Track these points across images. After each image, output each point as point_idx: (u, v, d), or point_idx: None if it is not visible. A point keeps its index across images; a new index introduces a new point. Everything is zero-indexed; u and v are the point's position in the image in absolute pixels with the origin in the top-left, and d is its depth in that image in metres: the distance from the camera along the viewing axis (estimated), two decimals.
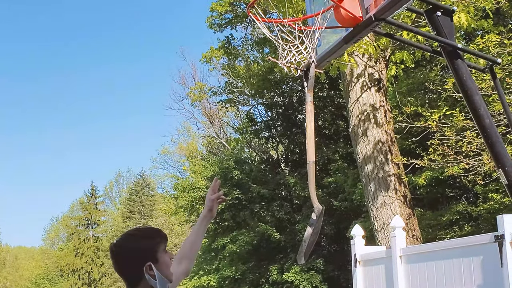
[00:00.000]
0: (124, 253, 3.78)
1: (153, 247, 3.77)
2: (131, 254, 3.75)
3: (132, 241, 3.83)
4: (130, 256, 3.75)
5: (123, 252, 3.79)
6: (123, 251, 3.79)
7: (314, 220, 4.98)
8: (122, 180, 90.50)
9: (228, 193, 38.80)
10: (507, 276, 7.53)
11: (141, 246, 3.76)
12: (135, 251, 3.75)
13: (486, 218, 24.53)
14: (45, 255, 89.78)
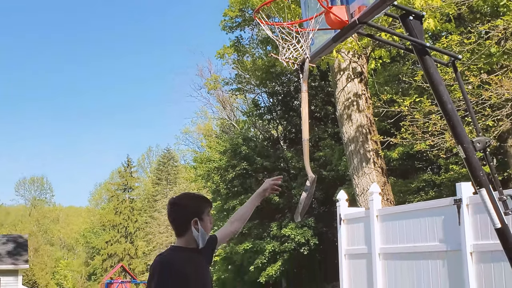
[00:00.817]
0: (179, 207, 3.96)
1: (200, 207, 3.96)
2: (184, 209, 3.93)
3: (186, 199, 4.10)
4: (183, 210, 3.93)
5: (179, 206, 3.97)
6: (178, 206, 3.98)
7: (308, 186, 4.97)
8: (152, 153, 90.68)
9: (237, 165, 38.87)
10: (463, 232, 7.53)
11: (193, 205, 3.99)
12: (188, 207, 3.94)
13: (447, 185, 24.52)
14: (90, 213, 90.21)
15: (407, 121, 14.17)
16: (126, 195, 79.36)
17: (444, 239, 7.97)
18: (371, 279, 9.47)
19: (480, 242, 7.34)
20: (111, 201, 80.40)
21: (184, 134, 67.80)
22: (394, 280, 9.02)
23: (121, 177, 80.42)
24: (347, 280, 10.21)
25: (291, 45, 5.15)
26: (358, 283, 9.92)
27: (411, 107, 14.20)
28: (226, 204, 39.04)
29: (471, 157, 5.12)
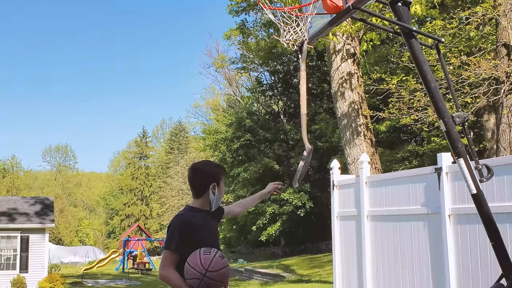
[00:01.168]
0: (200, 172, 4.02)
1: (219, 174, 4.03)
2: (204, 173, 3.99)
3: (207, 166, 4.14)
4: (203, 175, 3.98)
5: (200, 171, 4.03)
6: (200, 171, 4.03)
7: (305, 156, 4.97)
8: (165, 125, 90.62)
9: (241, 136, 38.97)
10: (442, 197, 7.56)
11: (212, 171, 4.03)
12: (207, 173, 3.99)
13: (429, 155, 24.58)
14: (109, 178, 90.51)
15: (394, 97, 14.17)
16: (141, 163, 79.66)
17: (425, 203, 8.02)
18: (359, 238, 9.54)
19: (457, 206, 7.38)
20: (128, 168, 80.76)
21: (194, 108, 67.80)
22: (380, 239, 9.09)
23: (137, 146, 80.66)
24: (339, 239, 10.29)
25: (291, 28, 5.14)
26: (348, 242, 10.00)
27: (398, 85, 14.19)
28: (232, 171, 39.27)
29: (451, 130, 5.13)
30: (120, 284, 30.03)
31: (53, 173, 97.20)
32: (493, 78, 11.51)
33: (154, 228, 72.44)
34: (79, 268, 42.68)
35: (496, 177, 6.66)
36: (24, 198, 30.63)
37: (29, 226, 26.90)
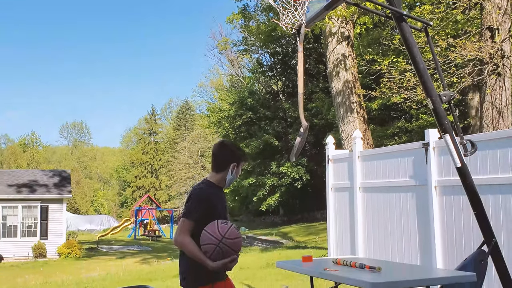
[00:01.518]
0: (227, 149, 4.09)
1: (240, 157, 4.08)
2: (229, 152, 4.06)
3: (233, 146, 4.17)
4: (228, 152, 4.05)
5: (227, 149, 4.10)
6: (226, 148, 4.11)
7: (301, 132, 4.95)
8: (173, 104, 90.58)
9: (243, 114, 38.99)
10: (429, 170, 7.56)
11: (236, 152, 4.08)
12: (232, 152, 4.06)
13: (417, 131, 24.58)
14: (122, 153, 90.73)
15: (386, 77, 14.11)
16: (151, 138, 79.72)
17: (413, 176, 8.02)
18: (352, 208, 9.57)
19: (443, 178, 7.39)
20: (139, 143, 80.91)
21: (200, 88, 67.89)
22: (371, 209, 9.12)
23: (147, 123, 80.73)
24: (333, 209, 10.32)
25: (290, 12, 5.09)
26: (342, 211, 10.03)
27: (389, 66, 14.12)
28: None
29: (438, 108, 5.11)
30: (132, 250, 30.24)
31: (70, 148, 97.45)
32: (478, 59, 11.44)
33: (163, 198, 72.77)
34: (95, 235, 42.94)
35: (479, 152, 6.65)
36: (43, 171, 30.72)
37: (48, 196, 27.03)
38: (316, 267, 5.45)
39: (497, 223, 6.35)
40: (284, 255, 14.24)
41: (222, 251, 3.58)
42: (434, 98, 5.11)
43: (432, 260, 7.43)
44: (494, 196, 6.48)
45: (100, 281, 12.84)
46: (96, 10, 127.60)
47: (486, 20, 10.92)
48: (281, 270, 10.24)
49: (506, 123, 10.41)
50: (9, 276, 19.04)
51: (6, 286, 15.26)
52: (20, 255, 26.26)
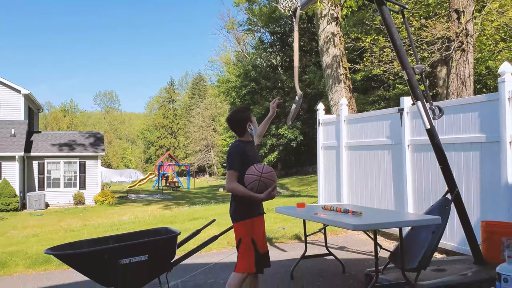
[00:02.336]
0: (234, 121, 4.21)
1: (248, 114, 4.24)
2: (237, 121, 4.21)
3: (236, 114, 4.24)
4: (237, 122, 4.21)
5: (233, 121, 4.22)
6: (233, 121, 4.22)
7: (297, 100, 4.96)
8: (188, 76, 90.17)
9: (248, 85, 38.78)
10: (403, 131, 7.57)
11: (241, 116, 4.23)
12: (239, 119, 4.21)
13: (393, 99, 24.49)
14: (146, 117, 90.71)
15: (368, 53, 13.99)
16: (170, 105, 79.59)
17: (390, 136, 8.03)
18: (338, 163, 9.61)
19: (415, 138, 7.40)
20: (160, 109, 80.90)
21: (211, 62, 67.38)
22: (354, 163, 9.15)
23: (166, 92, 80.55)
24: (322, 164, 10.36)
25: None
26: (330, 166, 10.07)
27: (371, 43, 13.99)
28: None
29: (411, 79, 5.09)
30: (156, 198, 30.50)
31: (102, 114, 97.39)
32: (446, 38, 11.31)
33: (181, 156, 73.05)
34: (125, 186, 43.25)
35: (445, 116, 6.65)
36: (81, 132, 30.76)
37: (85, 154, 27.15)
38: (308, 212, 5.52)
39: (459, 175, 6.39)
40: (281, 202, 14.38)
41: (264, 183, 3.86)
42: (409, 70, 5.09)
43: (405, 206, 7.51)
44: (457, 153, 6.50)
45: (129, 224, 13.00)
46: None
47: (453, 3, 10.76)
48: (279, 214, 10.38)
49: (469, 92, 10.36)
50: (54, 220, 19.29)
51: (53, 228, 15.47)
52: (63, 203, 26.53)
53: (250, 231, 4.04)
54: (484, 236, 5.57)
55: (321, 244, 7.76)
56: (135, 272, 4.03)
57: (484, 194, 6.10)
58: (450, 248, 6.57)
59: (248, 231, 4.04)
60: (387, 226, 4.82)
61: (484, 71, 21.46)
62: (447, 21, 11.33)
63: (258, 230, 4.11)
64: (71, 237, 10.73)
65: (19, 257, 7.88)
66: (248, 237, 4.02)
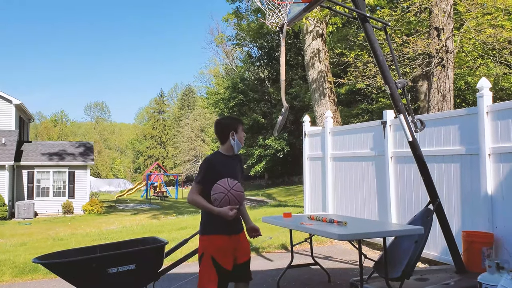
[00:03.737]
0: (221, 124, 3.94)
1: (236, 124, 3.94)
2: (224, 125, 3.92)
3: (226, 119, 4.00)
4: (223, 126, 3.92)
5: (221, 124, 3.94)
6: (220, 123, 3.94)
7: (283, 112, 4.94)
8: (178, 88, 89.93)
9: (236, 97, 38.84)
10: (386, 143, 7.59)
11: (230, 122, 3.95)
12: (226, 124, 3.93)
13: (377, 112, 24.64)
14: (135, 128, 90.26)
15: (352, 68, 14.08)
16: (160, 116, 79.31)
17: (373, 148, 8.06)
18: (324, 173, 9.61)
19: (397, 150, 7.42)
20: (150, 120, 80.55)
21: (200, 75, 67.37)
22: (339, 174, 9.16)
23: (156, 103, 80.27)
24: (308, 174, 10.36)
25: (275, 13, 5.04)
26: (315, 176, 10.07)
27: (355, 58, 14.08)
28: None
29: (394, 93, 5.11)
30: (144, 207, 30.25)
31: (93, 124, 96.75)
32: (426, 54, 11.43)
33: (169, 165, 72.69)
34: (113, 195, 42.87)
35: (427, 129, 6.69)
36: (71, 142, 30.48)
37: (75, 163, 26.89)
38: (294, 222, 5.49)
39: (440, 186, 6.41)
40: (268, 212, 14.32)
41: (229, 199, 3.61)
42: (391, 84, 5.11)
43: (388, 216, 7.51)
44: (438, 164, 6.53)
45: (117, 233, 12.85)
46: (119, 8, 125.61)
47: (433, 21, 10.89)
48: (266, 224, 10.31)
49: (449, 106, 10.45)
50: (42, 228, 19.02)
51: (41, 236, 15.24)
52: (52, 212, 26.20)
53: (208, 248, 3.71)
54: (465, 246, 5.58)
55: (307, 254, 7.72)
56: (122, 281, 3.96)
57: (464, 205, 6.12)
58: (433, 257, 6.57)
59: (206, 248, 3.73)
60: (372, 236, 4.81)
61: (464, 86, 21.71)
62: (427, 38, 11.45)
63: (221, 248, 3.73)
64: (59, 245, 10.56)
65: (6, 266, 7.72)
66: (207, 254, 3.71)
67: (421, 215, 5.31)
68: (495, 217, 5.61)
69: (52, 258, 4.06)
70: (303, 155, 10.54)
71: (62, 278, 3.91)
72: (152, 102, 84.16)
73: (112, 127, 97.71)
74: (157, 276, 4.28)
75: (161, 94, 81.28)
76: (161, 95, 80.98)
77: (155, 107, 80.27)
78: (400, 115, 5.14)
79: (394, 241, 5.34)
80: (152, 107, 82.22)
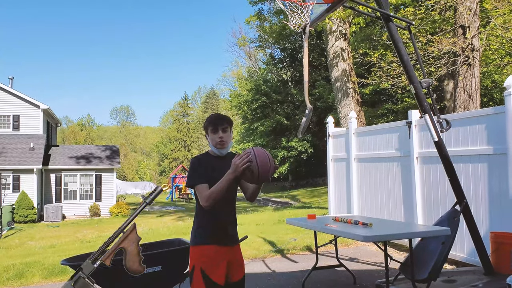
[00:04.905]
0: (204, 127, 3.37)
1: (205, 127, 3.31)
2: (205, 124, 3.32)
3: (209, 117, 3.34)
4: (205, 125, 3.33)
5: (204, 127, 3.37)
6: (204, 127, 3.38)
7: (307, 113, 4.93)
8: (201, 91, 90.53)
9: (259, 98, 38.88)
10: (412, 144, 7.51)
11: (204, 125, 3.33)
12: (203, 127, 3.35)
13: (402, 112, 24.37)
14: (161, 131, 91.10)
15: (376, 67, 13.97)
16: (184, 119, 79.92)
17: (399, 148, 7.98)
18: (348, 175, 9.56)
19: (423, 150, 7.34)
20: (175, 123, 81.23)
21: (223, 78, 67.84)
22: (363, 175, 9.10)
23: (181, 106, 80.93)
24: (332, 176, 10.32)
25: (297, 15, 5.04)
26: (340, 177, 10.02)
27: (379, 58, 13.97)
28: (252, 125, 39.37)
29: (419, 92, 5.06)
30: (169, 209, 30.52)
31: (118, 127, 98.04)
32: (452, 52, 11.27)
33: None
34: (139, 198, 43.35)
35: (453, 128, 6.59)
36: (97, 146, 30.95)
37: (101, 166, 27.29)
38: (319, 223, 5.47)
39: (467, 187, 6.31)
40: (292, 214, 14.29)
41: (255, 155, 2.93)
42: (416, 84, 5.06)
43: (414, 217, 7.43)
44: (465, 164, 6.43)
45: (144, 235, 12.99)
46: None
47: (459, 19, 10.73)
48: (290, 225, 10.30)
49: (475, 105, 10.28)
50: (70, 231, 19.34)
51: (69, 239, 15.51)
52: (79, 214, 26.64)
53: (198, 260, 3.18)
54: (494, 247, 5.48)
55: (332, 255, 7.68)
56: (148, 283, 4.00)
57: (492, 205, 6.01)
58: (460, 259, 6.47)
59: (196, 260, 3.19)
60: (397, 237, 4.76)
61: (490, 85, 21.32)
62: (453, 37, 11.29)
63: (212, 259, 3.18)
64: (86, 248, 10.73)
65: (36, 267, 7.88)
66: (197, 267, 3.16)
67: (448, 216, 5.23)
68: None
69: (80, 260, 4.13)
70: (327, 156, 10.50)
71: None
72: (176, 106, 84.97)
73: (138, 130, 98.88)
74: (183, 278, 4.32)
75: (185, 97, 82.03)
76: (185, 98, 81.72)
77: (179, 111, 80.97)
78: (426, 115, 5.08)
79: (420, 243, 5.28)
80: (176, 110, 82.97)
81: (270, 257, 7.98)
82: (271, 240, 9.31)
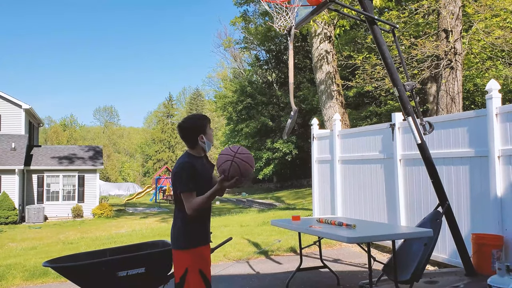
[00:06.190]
0: (187, 129, 3.46)
1: (203, 124, 3.47)
2: (190, 129, 3.45)
3: (190, 121, 3.48)
4: (190, 130, 3.45)
5: (186, 129, 3.46)
6: (186, 129, 3.46)
7: (291, 115, 4.94)
8: (186, 91, 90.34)
9: (244, 100, 38.90)
10: (395, 146, 7.57)
11: (198, 123, 3.47)
12: (192, 128, 3.45)
13: (385, 114, 24.56)
14: (145, 132, 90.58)
15: (360, 70, 14.07)
16: (168, 120, 79.60)
17: (382, 150, 8.04)
18: (332, 176, 9.59)
19: (406, 152, 7.40)
20: (159, 124, 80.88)
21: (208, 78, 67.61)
22: (347, 177, 9.14)
23: (165, 107, 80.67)
24: (317, 177, 10.35)
25: (282, 17, 5.06)
26: (324, 179, 10.06)
27: (363, 61, 14.07)
28: (237, 127, 39.40)
29: (402, 95, 5.11)
30: (153, 211, 30.34)
31: (102, 128, 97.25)
32: (435, 56, 11.40)
33: None
34: (122, 199, 43.05)
35: (435, 131, 6.67)
36: (80, 146, 30.66)
37: (84, 167, 27.04)
38: (303, 225, 5.49)
39: (450, 189, 6.38)
40: (277, 215, 14.31)
41: (237, 165, 3.13)
42: (399, 87, 5.11)
43: (397, 218, 7.49)
44: (447, 167, 6.51)
45: (127, 237, 12.89)
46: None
47: (442, 23, 10.85)
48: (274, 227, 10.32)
49: (458, 108, 10.41)
50: (53, 232, 19.13)
51: (51, 240, 15.33)
52: (62, 216, 26.36)
53: (195, 262, 3.29)
54: (475, 248, 5.55)
55: (316, 257, 7.71)
56: (132, 285, 3.98)
57: (474, 207, 6.09)
58: (442, 260, 6.54)
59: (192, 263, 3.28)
60: (381, 238, 4.80)
61: (472, 88, 21.60)
62: (436, 40, 11.42)
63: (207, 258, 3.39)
64: (69, 249, 10.62)
65: (17, 269, 7.78)
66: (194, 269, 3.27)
67: (430, 217, 5.29)
68: (505, 219, 5.58)
69: (62, 262, 4.09)
70: (311, 158, 10.54)
71: (72, 281, 3.94)
72: (160, 106, 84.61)
73: (121, 131, 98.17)
74: (167, 279, 4.30)
75: (170, 98, 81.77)
76: (169, 99, 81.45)
77: (164, 111, 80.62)
78: (409, 118, 5.13)
79: (403, 244, 5.32)
80: (160, 111, 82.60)
81: (254, 258, 7.98)
82: (255, 242, 9.31)
